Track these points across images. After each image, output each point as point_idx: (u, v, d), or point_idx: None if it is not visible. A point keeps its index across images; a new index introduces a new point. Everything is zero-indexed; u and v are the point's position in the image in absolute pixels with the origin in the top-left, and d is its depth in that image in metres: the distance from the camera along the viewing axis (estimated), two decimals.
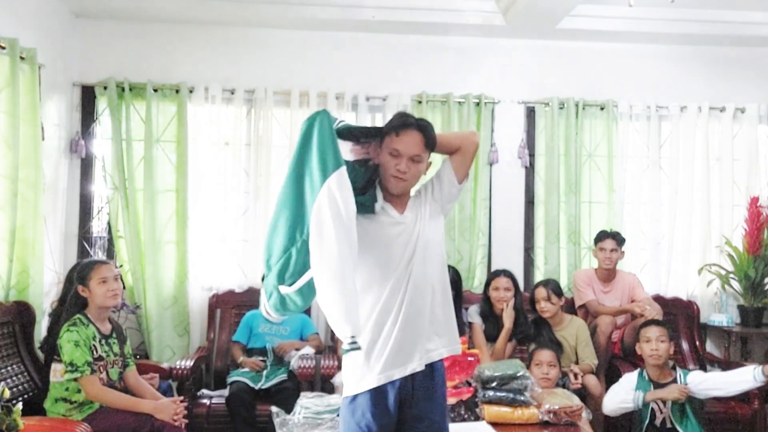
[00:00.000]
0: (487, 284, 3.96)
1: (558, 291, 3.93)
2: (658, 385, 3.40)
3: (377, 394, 2.05)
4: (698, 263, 4.63)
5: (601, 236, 4.26)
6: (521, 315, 3.88)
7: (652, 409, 3.35)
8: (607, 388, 3.58)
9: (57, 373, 2.92)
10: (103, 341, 3.01)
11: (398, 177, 2.08)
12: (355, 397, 2.07)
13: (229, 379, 3.84)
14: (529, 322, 3.93)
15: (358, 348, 1.92)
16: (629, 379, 3.49)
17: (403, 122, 2.09)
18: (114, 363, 3.04)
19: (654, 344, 3.42)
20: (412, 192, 2.21)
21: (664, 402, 3.33)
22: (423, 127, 2.10)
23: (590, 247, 4.58)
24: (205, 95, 4.39)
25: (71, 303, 3.05)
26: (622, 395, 3.41)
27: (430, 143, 2.11)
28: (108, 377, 2.99)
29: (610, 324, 3.98)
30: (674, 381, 3.39)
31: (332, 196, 1.89)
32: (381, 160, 2.10)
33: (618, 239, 4.22)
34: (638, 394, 3.37)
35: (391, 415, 2.07)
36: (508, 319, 3.79)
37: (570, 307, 4.30)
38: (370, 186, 2.10)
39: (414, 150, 2.07)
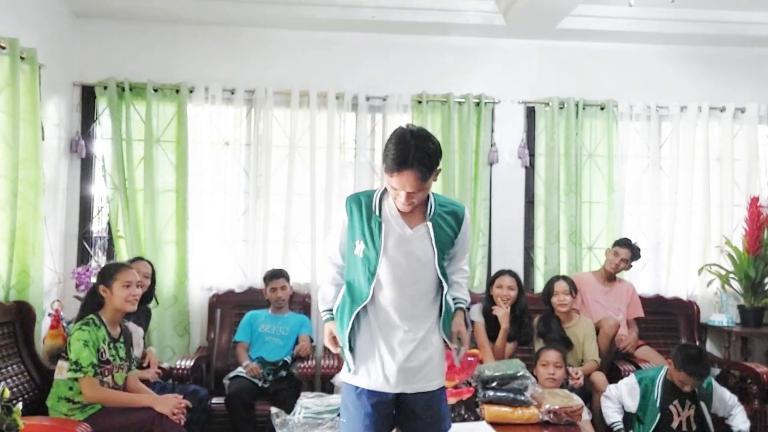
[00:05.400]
0: (491, 282, 3.93)
1: (574, 288, 3.94)
2: (680, 392, 3.33)
3: None
4: (698, 263, 4.63)
5: (622, 243, 4.25)
6: (525, 316, 3.87)
7: (669, 411, 3.32)
8: None
9: (63, 370, 2.90)
10: (112, 345, 2.99)
11: (404, 205, 2.13)
12: None
13: (230, 375, 3.83)
14: (532, 324, 3.91)
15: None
16: (630, 390, 3.42)
17: (398, 163, 2.02)
18: (120, 367, 3.02)
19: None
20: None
21: (683, 405, 3.31)
22: (418, 163, 2.01)
23: (590, 247, 4.59)
24: (205, 95, 4.39)
25: (87, 301, 3.04)
26: (613, 404, 3.41)
27: (426, 176, 2.05)
28: (114, 381, 2.97)
29: (614, 326, 3.95)
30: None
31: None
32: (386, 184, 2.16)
33: (635, 254, 4.22)
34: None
35: None
36: (504, 319, 3.77)
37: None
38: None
39: (410, 188, 2.06)
